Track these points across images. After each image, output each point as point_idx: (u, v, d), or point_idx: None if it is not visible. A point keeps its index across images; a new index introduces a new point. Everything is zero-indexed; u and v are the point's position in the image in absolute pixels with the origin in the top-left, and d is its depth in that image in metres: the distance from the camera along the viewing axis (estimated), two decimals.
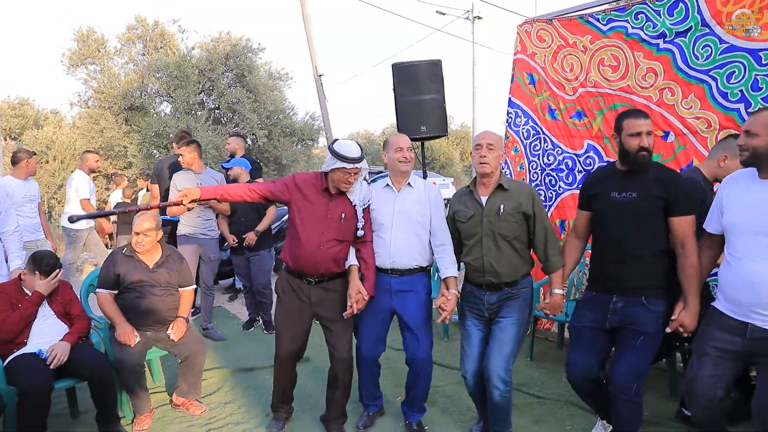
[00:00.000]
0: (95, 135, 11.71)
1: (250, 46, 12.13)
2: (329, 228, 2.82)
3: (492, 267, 2.69)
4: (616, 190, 2.54)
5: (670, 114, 3.67)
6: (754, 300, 2.16)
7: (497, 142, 2.70)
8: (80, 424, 3.31)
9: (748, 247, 2.20)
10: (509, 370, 2.67)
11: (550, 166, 4.35)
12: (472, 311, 2.83)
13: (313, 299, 2.90)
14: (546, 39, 4.35)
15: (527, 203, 2.67)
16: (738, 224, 2.25)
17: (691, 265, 2.42)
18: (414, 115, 4.96)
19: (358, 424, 3.14)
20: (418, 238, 2.89)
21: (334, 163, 2.74)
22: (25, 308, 3.00)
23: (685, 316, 2.39)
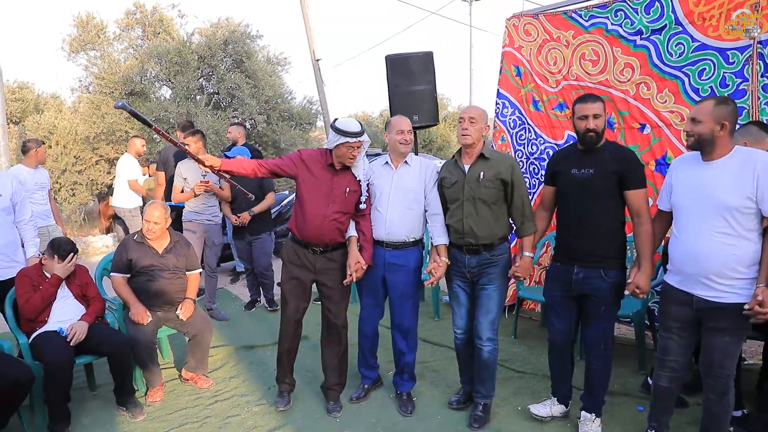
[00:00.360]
0: (97, 120, 11.84)
1: (249, 33, 12.23)
2: (334, 201, 3.05)
3: (471, 229, 2.95)
4: (576, 167, 2.79)
5: (646, 107, 3.90)
6: (696, 271, 2.41)
7: (479, 116, 2.94)
8: (98, 396, 3.60)
9: (691, 223, 2.44)
10: (495, 330, 3.02)
11: (533, 155, 4.59)
12: (456, 274, 3.11)
13: (317, 267, 3.16)
14: (532, 33, 4.55)
15: (506, 172, 2.92)
16: (683, 203, 2.49)
17: (645, 232, 2.66)
18: (407, 105, 5.17)
19: (352, 396, 3.43)
20: (412, 212, 3.14)
21: (338, 139, 2.96)
22: (45, 290, 3.27)
23: (639, 278, 2.65)
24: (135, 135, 7.66)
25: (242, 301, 5.71)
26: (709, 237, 2.36)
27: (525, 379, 3.69)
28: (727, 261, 2.33)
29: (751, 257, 2.32)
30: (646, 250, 2.66)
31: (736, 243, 2.32)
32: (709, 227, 2.36)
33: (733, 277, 2.34)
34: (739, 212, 2.30)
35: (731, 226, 2.32)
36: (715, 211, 2.34)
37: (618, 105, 4.04)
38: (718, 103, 2.37)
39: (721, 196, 2.33)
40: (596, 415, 2.90)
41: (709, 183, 2.38)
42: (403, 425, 3.13)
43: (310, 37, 11.38)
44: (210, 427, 3.18)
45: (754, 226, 2.32)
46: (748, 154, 2.34)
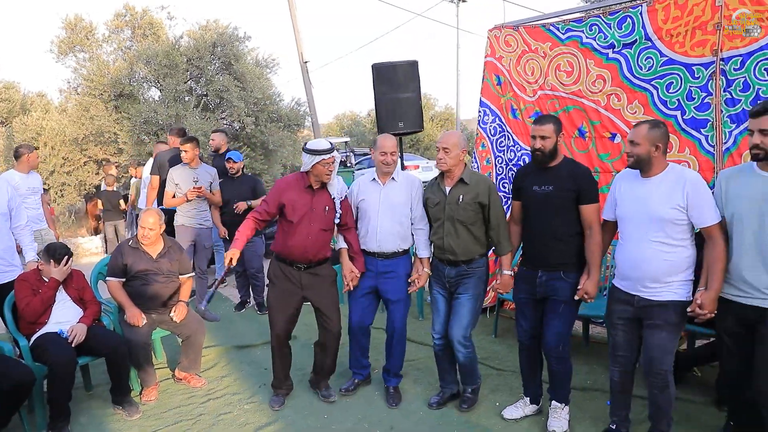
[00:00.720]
0: (86, 122, 11.88)
1: (237, 35, 12.33)
2: (315, 219, 3.27)
3: (450, 247, 3.17)
4: (537, 183, 3.01)
5: (616, 117, 4.10)
6: (638, 275, 2.67)
7: (453, 145, 3.12)
8: (93, 396, 3.75)
9: (633, 233, 2.70)
10: (468, 336, 3.22)
11: (512, 161, 4.78)
12: (437, 281, 3.34)
13: (303, 283, 3.35)
14: (512, 44, 4.74)
15: (484, 195, 3.12)
16: (626, 215, 2.75)
17: (595, 243, 2.90)
18: (392, 112, 5.36)
19: (341, 388, 3.63)
20: (401, 225, 3.37)
21: (313, 159, 3.17)
22: (44, 293, 3.40)
23: (588, 285, 2.89)
24: (159, 141, 7.64)
25: (232, 302, 5.86)
26: (647, 245, 2.62)
27: (503, 376, 3.88)
28: (662, 267, 2.59)
29: (684, 263, 2.59)
30: (596, 259, 2.89)
31: (670, 251, 2.59)
32: (647, 236, 2.63)
33: (668, 281, 2.60)
34: (672, 223, 2.57)
35: (666, 235, 2.58)
36: (652, 222, 2.60)
37: (590, 115, 4.25)
38: (651, 127, 2.63)
39: (657, 209, 2.59)
40: (564, 403, 3.13)
41: (646, 197, 2.64)
42: (387, 420, 3.31)
43: (298, 39, 11.51)
44: (203, 424, 3.33)
45: (686, 236, 2.59)
46: (680, 173, 2.61)
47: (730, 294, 2.55)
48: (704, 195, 2.54)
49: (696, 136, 3.74)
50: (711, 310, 2.53)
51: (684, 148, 3.78)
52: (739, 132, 3.56)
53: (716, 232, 2.53)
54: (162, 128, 10.82)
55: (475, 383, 3.41)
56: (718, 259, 2.52)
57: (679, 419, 2.99)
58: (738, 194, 2.50)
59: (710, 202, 2.55)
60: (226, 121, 12.51)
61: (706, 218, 2.53)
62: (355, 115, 29.58)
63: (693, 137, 3.75)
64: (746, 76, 3.49)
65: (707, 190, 2.56)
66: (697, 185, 2.55)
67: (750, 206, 2.45)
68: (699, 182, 2.57)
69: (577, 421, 3.18)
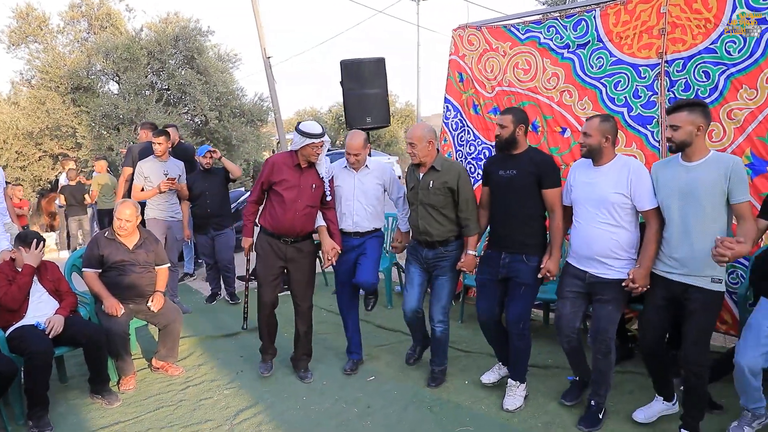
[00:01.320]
0: (41, 115, 11.56)
1: (200, 29, 12.22)
2: (303, 196, 3.51)
3: (425, 228, 3.43)
4: (502, 168, 3.27)
5: (567, 113, 4.39)
6: (588, 253, 2.99)
7: (419, 139, 3.35)
8: (70, 387, 3.79)
9: (585, 215, 3.00)
10: (446, 313, 3.51)
11: (471, 155, 5.04)
12: (414, 259, 3.62)
13: (288, 256, 3.61)
14: (474, 43, 4.98)
15: (453, 180, 3.35)
16: (579, 199, 3.05)
17: (557, 226, 3.17)
18: (360, 107, 5.52)
19: (345, 368, 3.90)
20: (373, 207, 3.69)
21: (303, 141, 3.40)
22: (20, 280, 3.42)
23: (550, 264, 3.14)
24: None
25: (202, 294, 5.92)
26: (596, 226, 2.94)
27: (471, 357, 4.12)
28: (609, 245, 2.92)
29: (628, 242, 2.92)
30: (557, 240, 3.16)
31: (616, 231, 2.91)
32: (596, 218, 2.95)
33: (615, 258, 2.91)
34: (618, 206, 2.88)
35: (613, 217, 2.91)
36: (601, 206, 2.92)
37: (543, 110, 4.53)
38: (602, 120, 2.95)
39: (605, 193, 2.91)
40: (520, 381, 3.38)
41: (596, 183, 2.96)
42: (364, 400, 3.49)
43: (261, 34, 11.46)
44: (184, 409, 3.44)
45: (631, 219, 2.92)
46: (626, 162, 2.94)
47: (660, 270, 2.84)
48: (645, 182, 2.85)
49: (643, 132, 4.06)
50: (642, 284, 2.83)
51: (631, 143, 4.09)
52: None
53: (652, 216, 2.84)
54: (123, 122, 10.66)
55: (442, 364, 3.67)
56: (651, 240, 2.83)
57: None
58: (665, 182, 2.80)
59: (649, 189, 2.85)
60: (188, 115, 12.40)
61: (645, 203, 2.85)
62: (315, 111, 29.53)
63: (640, 133, 4.06)
64: (687, 78, 3.82)
65: (648, 179, 2.87)
66: (640, 173, 2.86)
67: (674, 192, 2.75)
68: (642, 171, 2.88)
69: (541, 395, 3.45)
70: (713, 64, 3.68)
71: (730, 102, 3.63)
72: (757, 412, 2.80)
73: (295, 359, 3.87)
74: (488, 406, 3.35)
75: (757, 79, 3.51)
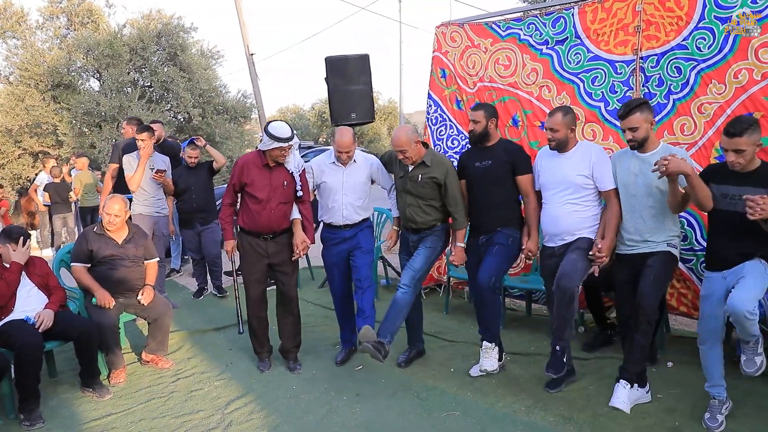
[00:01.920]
0: (20, 113, 11.41)
1: (182, 25, 12.16)
2: (275, 194, 3.57)
3: (412, 216, 3.60)
4: (478, 160, 3.52)
5: (547, 108, 4.48)
6: (556, 231, 3.32)
7: (407, 143, 3.45)
8: (60, 382, 3.83)
9: (552, 197, 3.32)
10: (413, 279, 3.57)
11: (453, 149, 5.14)
12: (404, 249, 3.80)
13: (269, 252, 3.67)
14: (457, 40, 5.08)
15: (441, 175, 3.50)
16: (546, 183, 3.36)
17: (532, 209, 3.43)
18: (345, 103, 5.57)
19: (337, 359, 3.97)
20: (361, 200, 3.80)
21: (271, 143, 3.44)
22: (8, 276, 3.44)
23: (530, 244, 3.42)
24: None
25: (189, 290, 5.96)
26: (562, 205, 3.27)
27: (456, 346, 4.23)
28: (575, 222, 3.25)
29: (591, 219, 3.26)
30: (534, 221, 3.43)
31: (581, 209, 3.24)
32: (563, 199, 3.27)
33: (579, 231, 3.26)
34: (582, 187, 3.22)
35: (578, 197, 3.23)
36: (566, 187, 3.25)
37: (523, 105, 4.65)
38: (565, 113, 3.25)
39: (569, 176, 3.23)
40: (494, 343, 3.56)
41: (561, 168, 3.28)
42: (353, 388, 3.58)
43: (244, 31, 11.47)
44: (176, 400, 3.50)
45: (593, 198, 3.25)
46: (588, 147, 3.29)
47: (622, 250, 3.18)
48: (605, 165, 3.18)
49: (619, 126, 4.18)
50: (608, 254, 3.14)
51: (608, 137, 4.23)
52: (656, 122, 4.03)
53: (613, 196, 3.18)
54: (105, 120, 10.58)
55: (417, 346, 3.94)
56: (614, 216, 3.16)
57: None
58: (622, 170, 3.13)
59: (610, 171, 3.17)
60: (171, 112, 12.35)
61: (606, 184, 3.18)
62: (298, 108, 29.46)
63: (616, 127, 4.18)
64: (660, 73, 3.96)
65: (608, 162, 3.19)
66: (601, 157, 3.19)
67: (628, 178, 3.10)
68: (602, 154, 3.22)
69: (524, 380, 3.58)
70: (684, 60, 3.83)
71: (700, 96, 3.78)
72: (719, 395, 2.94)
73: (284, 350, 3.92)
74: (473, 392, 3.46)
75: (725, 74, 3.66)
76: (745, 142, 2.67)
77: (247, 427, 3.12)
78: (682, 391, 3.23)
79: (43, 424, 3.23)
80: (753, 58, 3.56)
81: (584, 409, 3.18)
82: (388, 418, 3.18)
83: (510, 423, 3.08)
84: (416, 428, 3.07)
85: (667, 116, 3.97)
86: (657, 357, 3.74)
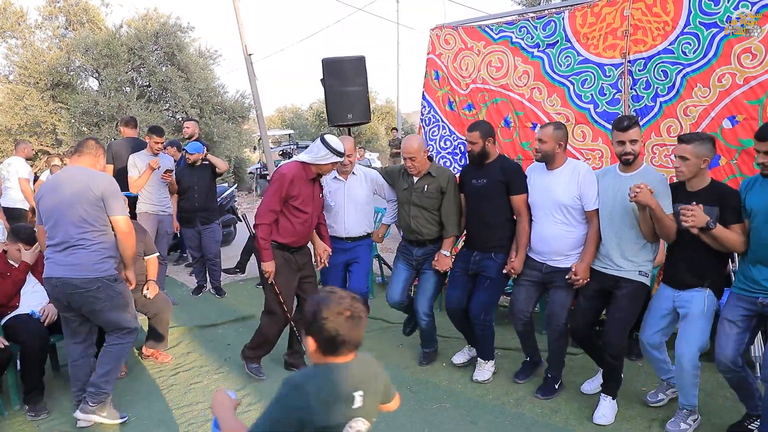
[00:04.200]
0: (19, 112, 11.48)
1: (180, 25, 12.24)
2: (317, 206, 3.61)
3: (417, 228, 3.66)
4: (474, 177, 3.55)
5: (538, 109, 4.63)
6: (547, 250, 3.30)
7: (417, 151, 3.56)
8: (62, 376, 3.92)
9: (540, 215, 3.31)
10: (431, 306, 3.74)
11: (446, 150, 5.26)
12: (404, 257, 3.85)
13: (300, 264, 3.64)
14: (451, 42, 5.19)
15: (444, 183, 3.60)
16: (535, 201, 3.34)
17: (523, 228, 3.41)
18: (341, 104, 5.69)
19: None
20: (363, 212, 3.86)
21: (331, 157, 3.38)
22: (15, 275, 3.56)
23: (515, 263, 3.41)
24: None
25: (188, 287, 6.06)
26: (553, 225, 3.26)
27: (449, 342, 4.33)
28: (566, 242, 3.24)
29: (581, 239, 3.23)
30: (523, 241, 3.41)
31: (570, 230, 3.22)
32: (553, 218, 3.26)
33: (568, 254, 3.25)
34: (571, 207, 3.20)
35: (566, 217, 3.22)
36: (555, 207, 3.23)
37: (515, 106, 4.77)
38: (556, 128, 3.24)
39: (559, 196, 3.21)
40: (488, 359, 3.66)
41: (550, 187, 3.26)
42: None
43: (241, 31, 11.54)
44: (176, 392, 3.61)
45: (582, 218, 3.21)
46: (575, 166, 3.25)
47: (596, 265, 3.16)
48: (591, 185, 3.15)
49: (608, 128, 4.30)
50: (584, 277, 3.14)
51: (597, 138, 4.35)
52: (643, 124, 4.14)
53: (594, 216, 3.15)
54: (103, 119, 10.65)
55: (432, 347, 3.99)
56: (592, 237, 3.16)
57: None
58: (602, 188, 3.13)
59: (595, 192, 3.14)
60: (169, 112, 12.42)
61: (589, 204, 3.15)
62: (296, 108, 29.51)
63: (605, 128, 4.31)
64: (648, 77, 4.08)
65: (594, 182, 3.17)
66: (588, 177, 3.17)
67: (607, 197, 3.08)
68: (589, 174, 3.20)
69: (513, 374, 3.69)
70: (671, 64, 3.95)
71: (686, 99, 3.90)
72: (671, 381, 3.11)
73: (296, 357, 3.86)
74: (464, 386, 3.58)
75: (709, 78, 3.78)
76: (690, 152, 2.74)
77: (245, 419, 3.21)
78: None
79: (47, 415, 3.33)
80: (736, 63, 3.69)
81: (570, 401, 3.30)
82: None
83: (499, 414, 3.20)
84: (408, 420, 3.17)
85: (654, 118, 4.09)
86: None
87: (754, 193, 2.71)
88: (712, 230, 2.64)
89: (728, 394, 3.25)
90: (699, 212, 2.62)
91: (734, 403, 3.14)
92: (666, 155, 3.98)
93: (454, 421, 3.15)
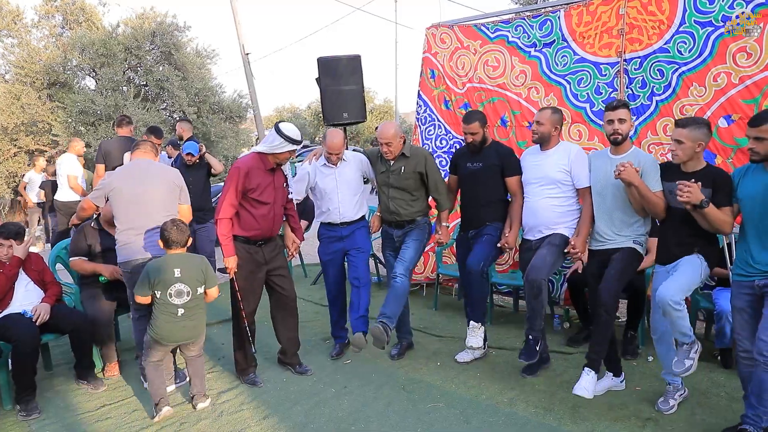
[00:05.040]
0: (16, 111, 11.45)
1: (177, 24, 12.22)
2: (278, 196, 3.50)
3: (396, 209, 3.77)
4: (470, 161, 3.74)
5: (534, 108, 4.62)
6: (535, 222, 3.51)
7: (393, 137, 3.65)
8: (55, 375, 3.91)
9: (531, 191, 3.53)
10: (407, 269, 3.72)
11: (441, 149, 5.25)
12: (389, 245, 3.97)
13: (267, 257, 3.53)
14: (447, 41, 5.18)
15: (421, 165, 3.71)
16: (528, 178, 3.55)
17: (517, 206, 3.62)
18: (337, 103, 5.68)
19: (331, 353, 4.04)
20: (356, 197, 3.89)
21: (285, 146, 3.32)
22: (8, 270, 3.53)
23: (510, 237, 3.60)
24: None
25: None
26: (542, 199, 3.46)
27: (444, 341, 4.33)
28: (552, 215, 3.44)
29: (569, 214, 3.43)
30: (517, 217, 3.61)
31: (559, 203, 3.42)
32: (543, 193, 3.46)
33: (555, 226, 3.44)
34: (561, 183, 3.40)
35: (557, 191, 3.42)
36: (546, 182, 3.44)
37: (512, 105, 4.76)
38: (553, 112, 3.44)
39: (549, 171, 3.43)
40: (481, 323, 3.72)
41: (543, 164, 3.48)
42: (341, 381, 3.68)
43: (239, 31, 11.55)
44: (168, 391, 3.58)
45: (572, 194, 3.42)
46: (568, 146, 3.47)
47: (593, 245, 3.32)
48: (583, 164, 3.34)
49: None
50: (581, 249, 3.32)
51: (593, 137, 4.34)
52: (639, 123, 4.15)
53: (587, 193, 3.33)
54: (100, 118, 10.62)
55: (406, 338, 4.09)
56: (586, 213, 3.33)
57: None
58: (595, 169, 3.28)
59: (586, 170, 3.32)
60: (166, 111, 12.40)
61: (582, 182, 3.34)
62: (295, 107, 29.57)
63: (601, 127, 4.30)
64: (643, 76, 4.08)
65: (586, 161, 3.33)
66: (579, 155, 3.37)
67: (599, 178, 3.24)
68: (581, 153, 3.38)
69: (507, 374, 3.68)
70: (667, 63, 3.94)
71: (682, 98, 3.90)
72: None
73: (287, 355, 3.80)
74: (458, 386, 3.56)
75: (705, 77, 3.78)
76: (686, 135, 2.81)
77: (238, 417, 3.21)
78: (660, 384, 3.33)
79: (39, 414, 3.31)
80: (731, 62, 3.69)
81: (565, 400, 3.28)
82: (374, 410, 3.27)
83: (492, 413, 3.18)
84: (401, 419, 3.16)
85: (650, 117, 4.09)
86: (638, 351, 3.86)
87: (748, 179, 2.77)
88: (705, 209, 2.70)
89: (723, 394, 3.25)
90: (696, 189, 2.69)
91: (729, 402, 3.14)
92: (662, 154, 3.97)
93: (447, 421, 3.13)
